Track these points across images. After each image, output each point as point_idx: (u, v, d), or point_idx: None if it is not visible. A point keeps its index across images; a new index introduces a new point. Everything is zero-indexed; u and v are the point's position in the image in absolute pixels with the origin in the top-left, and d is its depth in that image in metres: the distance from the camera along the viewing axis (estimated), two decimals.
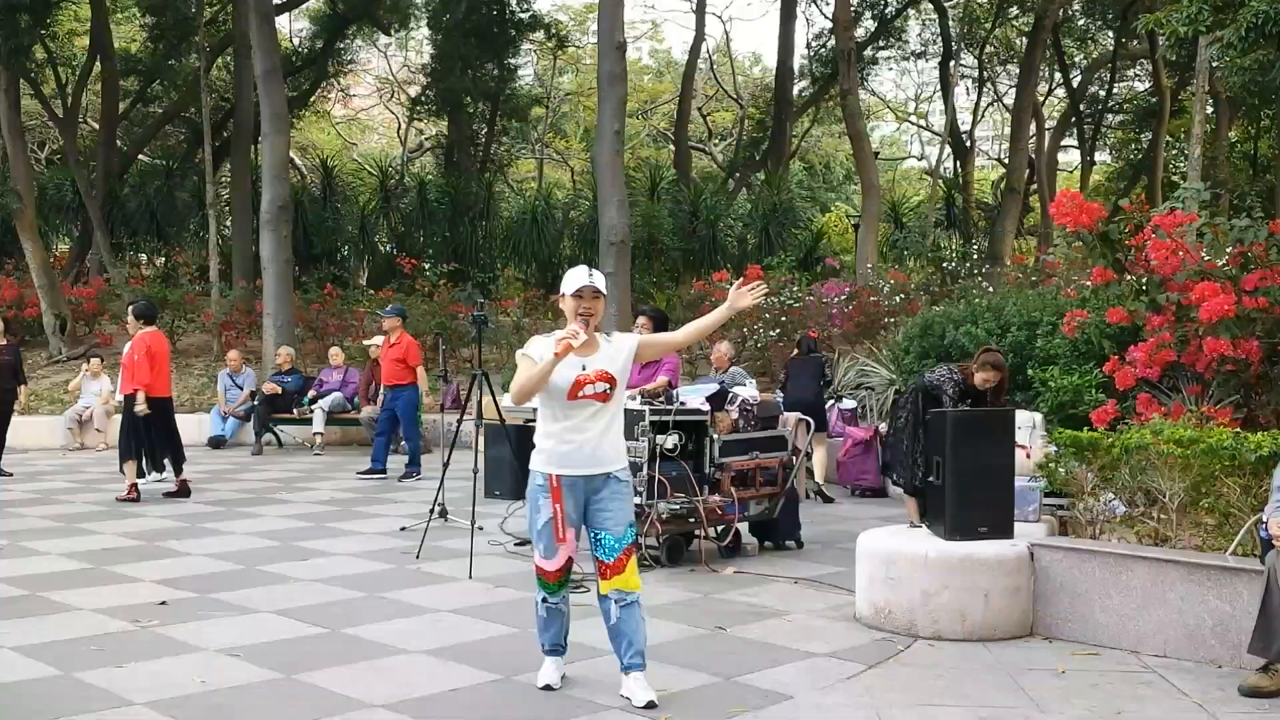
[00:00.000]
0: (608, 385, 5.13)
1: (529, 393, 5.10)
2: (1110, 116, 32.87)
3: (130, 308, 11.41)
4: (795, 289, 18.12)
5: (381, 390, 13.38)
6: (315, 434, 15.73)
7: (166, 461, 11.32)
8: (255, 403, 16.31)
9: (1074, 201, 9.68)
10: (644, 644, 5.17)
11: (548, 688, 5.29)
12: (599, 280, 5.19)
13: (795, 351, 12.59)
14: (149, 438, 10.99)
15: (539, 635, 5.39)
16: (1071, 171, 38.36)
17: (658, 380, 8.98)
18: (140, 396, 10.76)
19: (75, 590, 7.23)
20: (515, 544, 8.78)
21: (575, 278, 5.18)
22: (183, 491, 11.20)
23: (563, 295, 5.21)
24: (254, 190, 22.16)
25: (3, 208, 20.65)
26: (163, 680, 5.37)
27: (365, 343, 15.66)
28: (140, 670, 5.53)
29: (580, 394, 5.09)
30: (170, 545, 8.84)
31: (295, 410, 16.13)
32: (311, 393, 16.17)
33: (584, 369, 5.11)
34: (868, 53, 29.66)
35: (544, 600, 5.27)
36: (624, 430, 7.59)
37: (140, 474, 11.09)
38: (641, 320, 9.30)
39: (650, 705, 5.03)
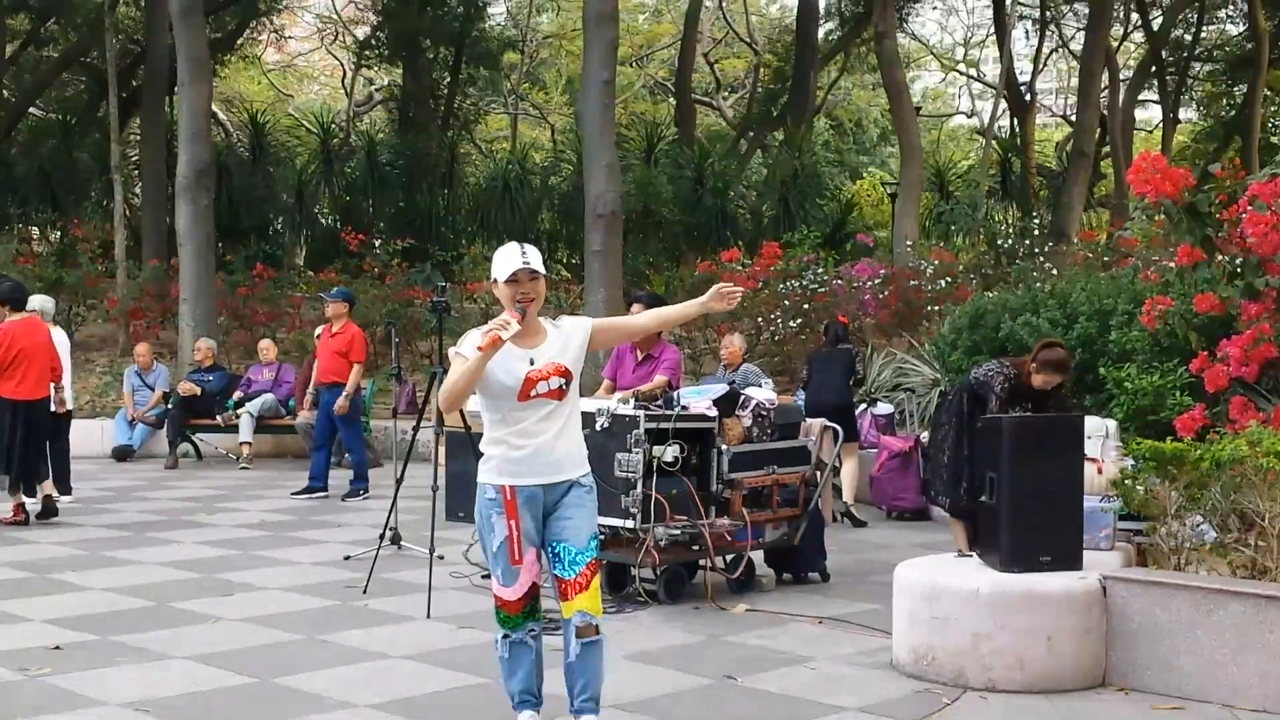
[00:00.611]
0: (563, 380, 5.18)
1: (457, 396, 5.15)
2: (1197, 65, 32.88)
3: None
4: (820, 270, 18.10)
5: (313, 389, 13.35)
6: (242, 444, 15.69)
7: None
8: (169, 406, 16.27)
9: (1155, 166, 9.65)
10: (600, 688, 5.23)
11: None
12: (535, 259, 5.21)
13: (823, 341, 12.48)
14: (21, 448, 10.84)
15: (505, 682, 5.31)
16: (1151, 131, 38.39)
17: (655, 380, 8.96)
18: None
19: None
20: (482, 576, 8.73)
21: (507, 260, 5.22)
22: (46, 509, 10.97)
23: (495, 281, 5.26)
24: (169, 151, 22.12)
25: None
26: None
27: (318, 333, 15.57)
28: None
29: (533, 393, 5.14)
30: (65, 577, 8.79)
31: (218, 415, 16.08)
32: (237, 394, 16.14)
33: (533, 363, 5.17)
34: None
35: (505, 637, 5.24)
36: (616, 440, 7.68)
37: (31, 491, 11.03)
38: (635, 307, 9.27)
39: None
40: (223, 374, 16.69)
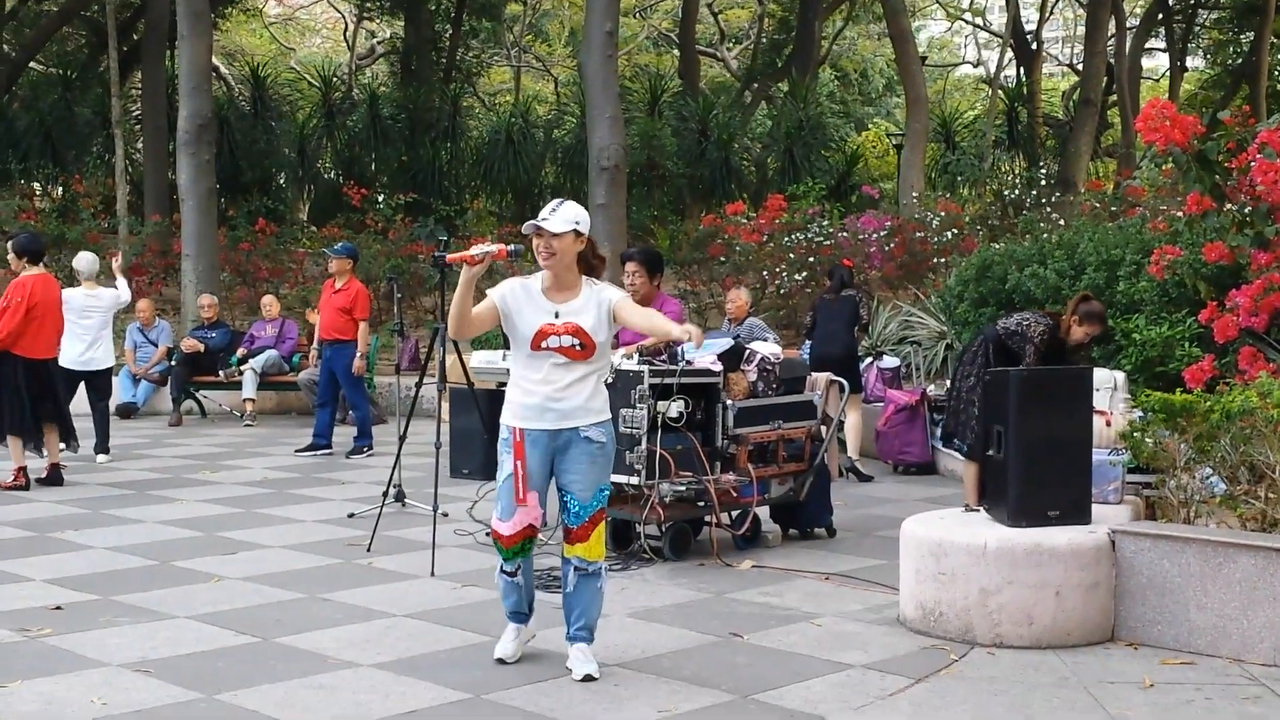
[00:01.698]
0: (576, 341, 5.54)
1: (455, 319, 5.60)
2: (1204, 13, 32.63)
3: (9, 244, 11.22)
4: (825, 223, 18.02)
5: (315, 345, 13.31)
6: (245, 400, 15.68)
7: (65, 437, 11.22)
8: (172, 362, 16.24)
9: (1164, 114, 9.58)
10: (595, 620, 5.77)
11: (501, 661, 5.77)
12: (558, 217, 5.54)
13: (826, 286, 12.28)
14: (32, 408, 10.76)
15: (501, 602, 5.91)
16: (1158, 80, 38.23)
17: None
18: None
19: None
20: (486, 533, 8.69)
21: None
22: (52, 478, 10.85)
23: None
24: (170, 105, 22.00)
25: None
26: (55, 702, 5.31)
27: None
28: (27, 691, 5.47)
29: (544, 345, 5.54)
30: (66, 537, 8.77)
31: (221, 372, 16.06)
32: (240, 350, 16.10)
33: (556, 316, 5.56)
34: None
35: (501, 569, 5.75)
36: (620, 396, 7.64)
37: (35, 451, 10.99)
38: (631, 266, 9.16)
39: (588, 678, 5.56)
40: (226, 330, 16.65)
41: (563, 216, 5.53)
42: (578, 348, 5.51)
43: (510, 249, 5.60)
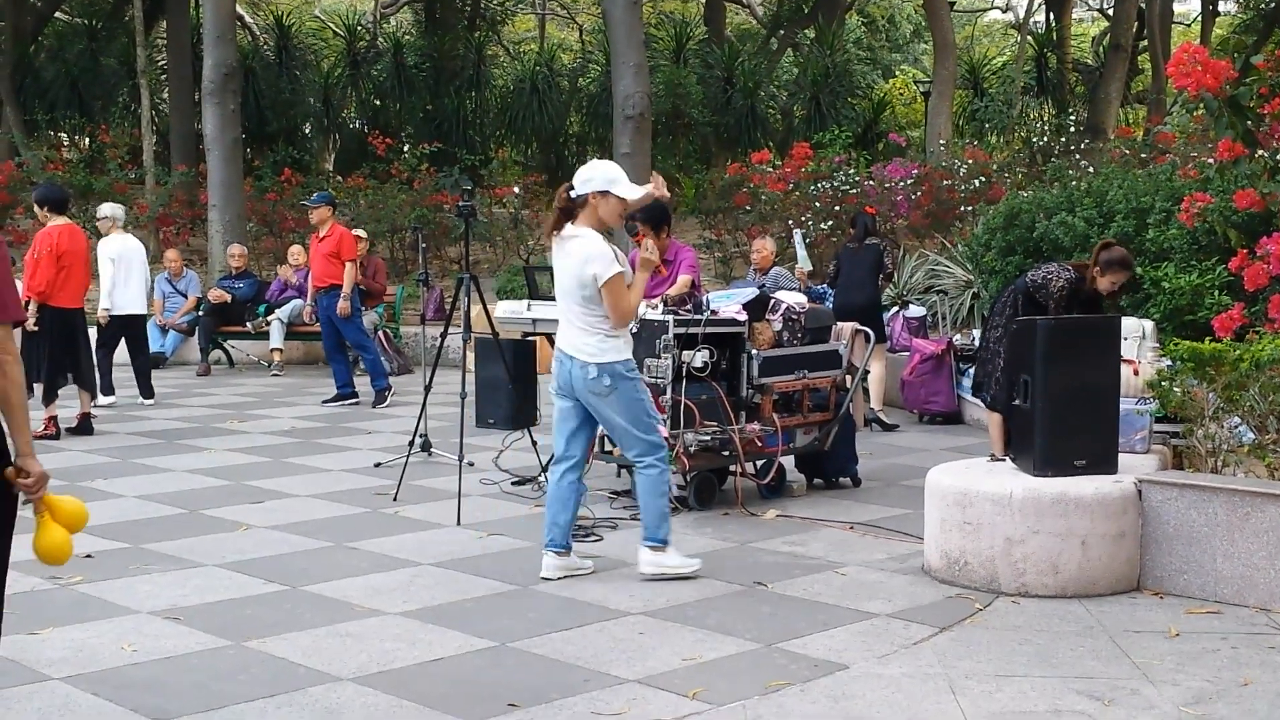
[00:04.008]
0: None
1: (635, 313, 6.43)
2: None
3: (35, 195, 11.24)
4: (852, 171, 17.91)
5: (311, 300, 13.34)
6: (273, 350, 15.73)
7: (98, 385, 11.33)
8: (200, 313, 16.29)
9: (1196, 58, 9.42)
10: None
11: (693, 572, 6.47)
12: None
13: (850, 235, 12.16)
14: (64, 358, 10.80)
15: (663, 523, 6.46)
16: (1189, 24, 37.79)
17: (680, 280, 8.87)
18: (31, 308, 10.50)
19: None
20: (512, 483, 8.74)
21: (628, 182, 6.34)
22: (83, 427, 10.96)
23: (605, 194, 6.22)
24: (195, 55, 21.97)
25: None
26: (85, 650, 5.38)
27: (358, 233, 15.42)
28: (58, 638, 5.53)
29: None
30: (97, 485, 8.86)
31: (248, 322, 16.11)
32: (273, 297, 16.14)
33: None
34: None
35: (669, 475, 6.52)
36: (645, 345, 7.68)
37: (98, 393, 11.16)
38: (642, 228, 9.14)
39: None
40: (253, 280, 16.69)
41: None
42: None
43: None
